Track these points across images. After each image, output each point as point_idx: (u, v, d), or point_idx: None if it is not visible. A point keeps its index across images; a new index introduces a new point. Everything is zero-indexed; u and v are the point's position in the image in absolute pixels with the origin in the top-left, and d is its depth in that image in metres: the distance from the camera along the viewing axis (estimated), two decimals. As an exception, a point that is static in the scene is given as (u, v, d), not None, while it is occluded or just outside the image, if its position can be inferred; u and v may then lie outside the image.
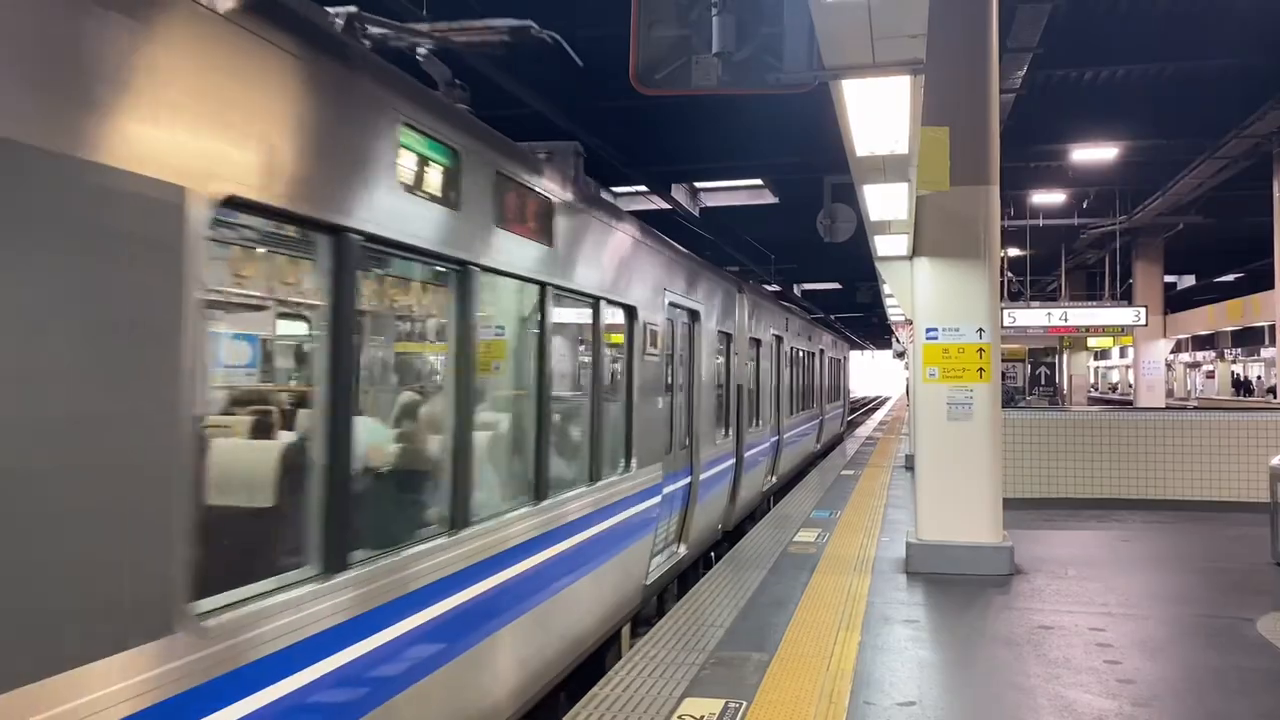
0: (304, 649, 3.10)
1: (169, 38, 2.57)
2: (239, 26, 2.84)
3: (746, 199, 22.67)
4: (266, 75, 3.00)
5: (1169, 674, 5.73)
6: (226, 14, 2.78)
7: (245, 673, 2.80)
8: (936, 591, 7.65)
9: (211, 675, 2.66)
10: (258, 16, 2.93)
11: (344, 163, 3.43)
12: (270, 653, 2.93)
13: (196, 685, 2.59)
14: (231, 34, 2.82)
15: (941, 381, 8.32)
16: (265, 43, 2.98)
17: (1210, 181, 19.02)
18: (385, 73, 3.78)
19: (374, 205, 3.56)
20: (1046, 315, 26.21)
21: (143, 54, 2.47)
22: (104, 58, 2.36)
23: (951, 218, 8.34)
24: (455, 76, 5.20)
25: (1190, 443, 12.24)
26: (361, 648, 3.43)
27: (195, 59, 2.67)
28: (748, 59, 5.25)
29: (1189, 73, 14.56)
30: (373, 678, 3.54)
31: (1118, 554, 9.47)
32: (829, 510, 11.89)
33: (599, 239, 6.45)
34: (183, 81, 2.61)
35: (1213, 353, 53.63)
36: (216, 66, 2.76)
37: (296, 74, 3.15)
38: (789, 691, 5.16)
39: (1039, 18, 10.97)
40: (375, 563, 3.61)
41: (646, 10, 5.57)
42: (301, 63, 3.17)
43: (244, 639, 2.82)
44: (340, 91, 3.42)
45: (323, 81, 3.30)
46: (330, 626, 3.24)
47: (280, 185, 3.02)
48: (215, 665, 2.68)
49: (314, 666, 3.15)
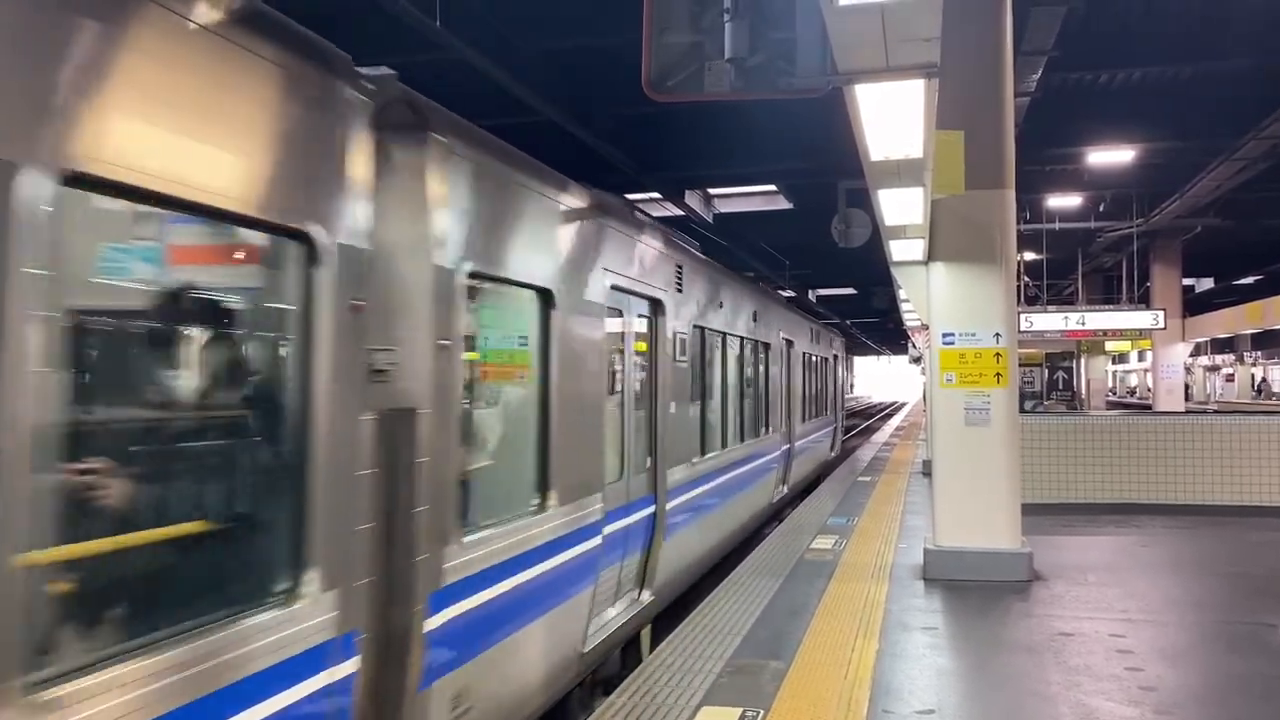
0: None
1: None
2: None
3: (761, 205, 22.64)
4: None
5: (1191, 681, 5.67)
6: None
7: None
8: (955, 598, 7.59)
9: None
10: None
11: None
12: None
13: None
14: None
15: (959, 387, 8.28)
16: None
17: (1228, 184, 18.86)
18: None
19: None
20: (1064, 319, 26.05)
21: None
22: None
23: (967, 222, 8.30)
24: (473, 89, 5.19)
25: (1210, 446, 12.14)
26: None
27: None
28: (761, 64, 5.25)
29: (1206, 74, 14.46)
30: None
31: (1138, 559, 9.39)
32: (846, 517, 11.83)
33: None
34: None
35: (1232, 356, 53.26)
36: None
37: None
38: (807, 700, 5.13)
39: (1054, 21, 10.91)
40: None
41: (659, 17, 5.57)
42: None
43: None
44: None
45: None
46: None
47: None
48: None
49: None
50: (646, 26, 5.56)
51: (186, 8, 2.75)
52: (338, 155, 3.51)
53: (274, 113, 3.17)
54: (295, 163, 3.27)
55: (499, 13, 10.81)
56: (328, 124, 3.47)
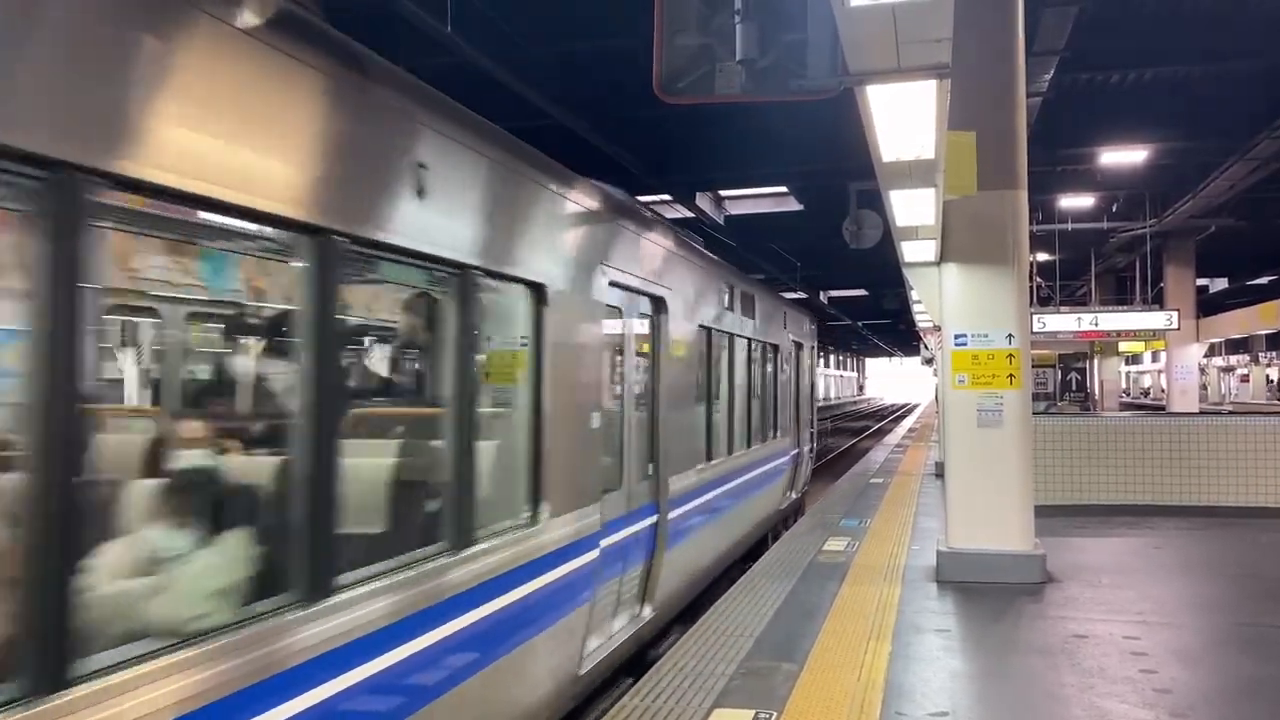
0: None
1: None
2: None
3: (771, 206, 22.65)
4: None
5: (1206, 684, 5.64)
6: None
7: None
8: (968, 600, 7.57)
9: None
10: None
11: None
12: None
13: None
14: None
15: (971, 388, 8.25)
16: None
17: (1242, 183, 18.77)
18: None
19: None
20: (1077, 320, 25.96)
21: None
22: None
23: (979, 223, 8.28)
24: (484, 92, 5.17)
25: (1225, 447, 12.07)
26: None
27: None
28: (771, 66, 5.25)
29: (1218, 74, 14.40)
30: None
31: (1151, 561, 9.35)
32: (858, 519, 11.81)
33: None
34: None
35: (1246, 356, 52.96)
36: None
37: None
38: (819, 702, 5.12)
39: (1065, 21, 10.89)
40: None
41: (670, 19, 5.57)
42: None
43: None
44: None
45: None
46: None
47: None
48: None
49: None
50: (657, 29, 5.56)
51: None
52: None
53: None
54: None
55: (508, 16, 10.84)
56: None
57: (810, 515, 12.52)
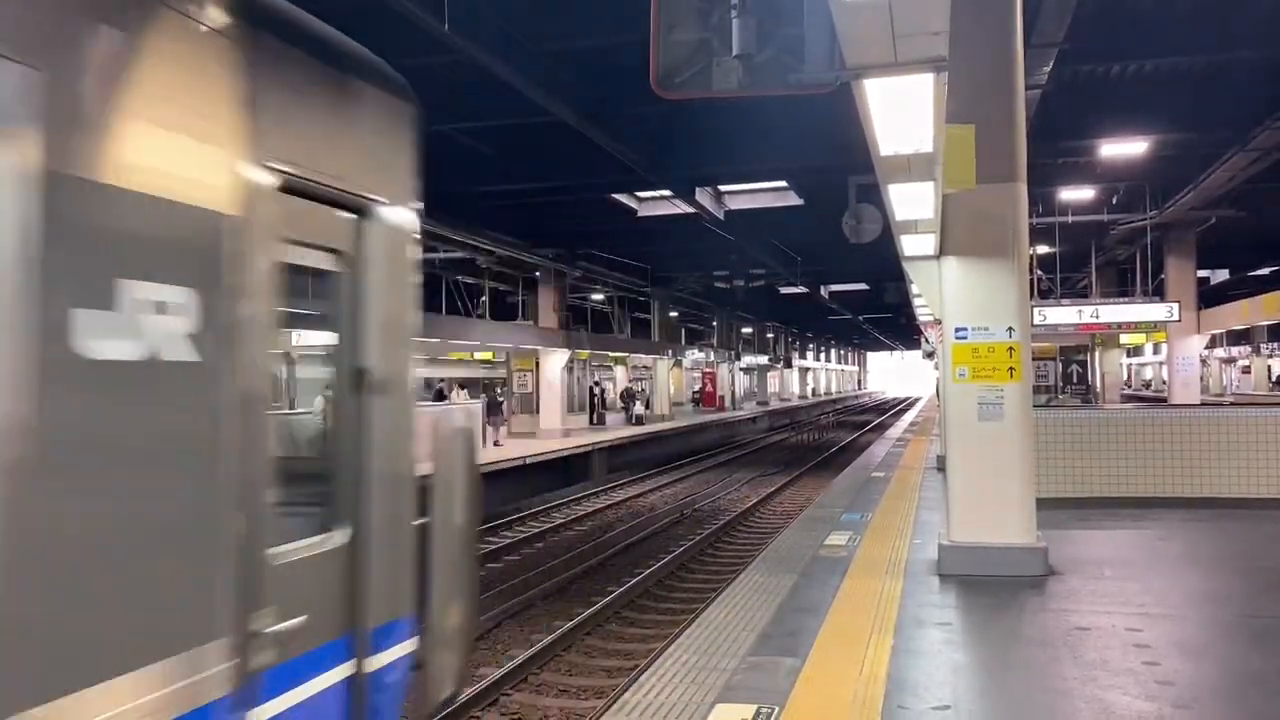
0: None
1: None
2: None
3: (771, 201, 22.64)
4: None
5: (1209, 676, 5.64)
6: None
7: None
8: (970, 594, 7.57)
9: None
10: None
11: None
12: None
13: None
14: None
15: (972, 381, 8.25)
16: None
17: (1242, 175, 18.75)
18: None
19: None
20: (1077, 312, 25.92)
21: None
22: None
23: (979, 216, 8.27)
24: (484, 89, 5.17)
25: (1227, 439, 12.06)
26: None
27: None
28: (769, 60, 5.24)
29: (1218, 65, 14.37)
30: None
31: (1155, 553, 9.34)
32: (860, 513, 11.81)
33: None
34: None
35: (1248, 347, 52.91)
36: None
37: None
38: (822, 696, 5.12)
39: (1064, 12, 10.86)
40: None
41: (666, 14, 5.56)
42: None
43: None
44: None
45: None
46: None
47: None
48: None
49: None
50: (654, 24, 5.55)
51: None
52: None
53: None
54: None
55: (506, 13, 10.83)
56: None
57: (812, 510, 12.52)
